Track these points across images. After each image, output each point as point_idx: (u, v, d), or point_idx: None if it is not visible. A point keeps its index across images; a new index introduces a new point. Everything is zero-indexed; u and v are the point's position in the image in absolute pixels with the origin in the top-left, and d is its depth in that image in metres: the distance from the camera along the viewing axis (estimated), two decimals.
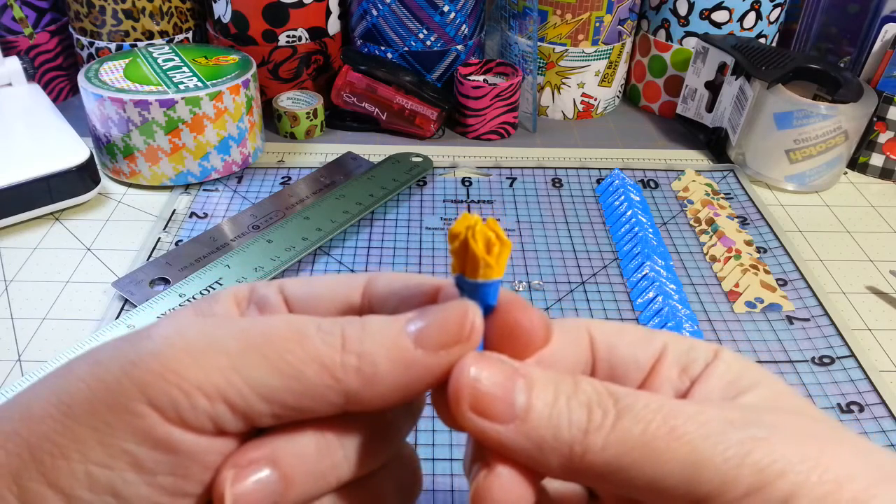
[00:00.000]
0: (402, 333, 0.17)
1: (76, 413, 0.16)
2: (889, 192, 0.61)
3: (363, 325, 0.17)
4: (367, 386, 0.17)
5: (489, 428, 0.17)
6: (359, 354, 0.17)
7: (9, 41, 0.65)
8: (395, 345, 0.17)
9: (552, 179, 0.59)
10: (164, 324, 0.17)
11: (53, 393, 0.16)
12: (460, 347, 0.18)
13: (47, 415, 0.16)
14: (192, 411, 0.16)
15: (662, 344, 0.21)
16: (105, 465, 0.16)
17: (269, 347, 0.16)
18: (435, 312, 0.18)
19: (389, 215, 0.54)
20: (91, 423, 0.16)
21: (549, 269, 0.50)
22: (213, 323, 0.17)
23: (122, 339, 0.18)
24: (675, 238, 0.53)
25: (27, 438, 0.16)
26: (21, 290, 0.47)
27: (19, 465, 0.16)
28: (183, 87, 0.54)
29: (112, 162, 0.56)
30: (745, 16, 0.65)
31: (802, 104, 0.57)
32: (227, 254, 0.47)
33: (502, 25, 0.70)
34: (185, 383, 0.16)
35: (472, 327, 0.18)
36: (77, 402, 0.16)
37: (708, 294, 0.48)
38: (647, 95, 0.73)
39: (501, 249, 0.17)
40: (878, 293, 0.49)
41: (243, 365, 0.16)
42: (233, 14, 0.63)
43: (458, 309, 0.18)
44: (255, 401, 0.16)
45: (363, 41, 0.68)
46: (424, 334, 0.17)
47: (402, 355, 0.17)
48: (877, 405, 0.40)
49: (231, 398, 0.16)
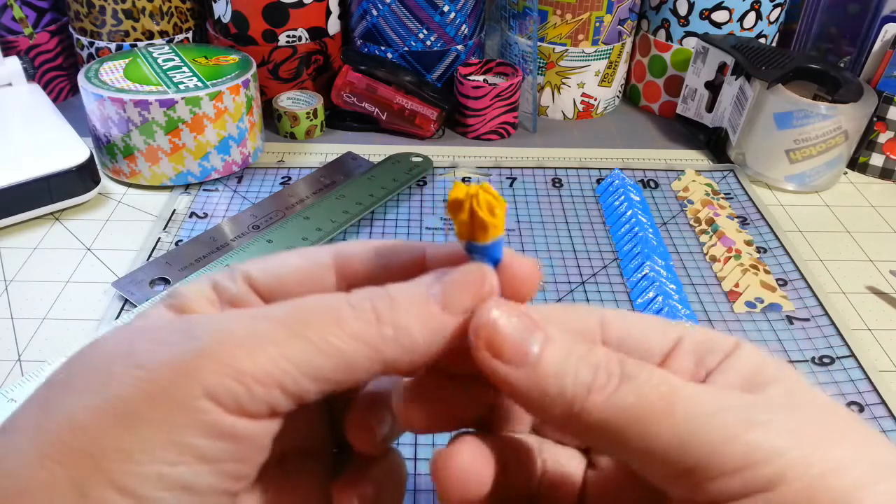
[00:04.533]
0: (428, 300, 0.19)
1: (137, 418, 0.16)
2: (889, 192, 0.61)
3: (390, 296, 0.19)
4: (405, 353, 0.18)
5: (500, 367, 0.18)
6: (394, 326, 0.18)
7: (9, 41, 0.65)
8: (426, 312, 0.18)
9: (552, 179, 0.59)
10: (205, 320, 0.18)
11: (103, 401, 0.17)
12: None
13: (102, 424, 0.16)
14: (251, 400, 0.17)
15: (679, 334, 0.21)
16: (174, 462, 0.16)
17: (312, 332, 0.17)
18: (455, 277, 0.19)
19: (389, 215, 0.54)
20: (156, 426, 0.16)
21: (549, 269, 0.49)
22: (251, 315, 0.18)
23: (155, 340, 0.18)
24: (675, 238, 0.53)
25: (83, 449, 0.16)
26: (21, 290, 0.47)
27: (81, 475, 0.16)
28: (183, 87, 0.54)
29: (112, 162, 0.56)
30: (745, 16, 0.65)
31: (802, 104, 0.57)
32: (227, 254, 0.47)
33: (502, 25, 0.70)
34: (242, 375, 0.17)
35: (490, 288, 0.19)
36: (134, 407, 0.16)
37: (708, 294, 0.48)
38: (647, 95, 0.73)
39: (501, 209, 0.19)
40: (878, 293, 0.49)
41: (291, 352, 0.17)
42: (233, 14, 0.63)
43: (477, 272, 0.19)
44: (306, 382, 0.17)
45: (363, 41, 0.68)
46: (450, 299, 0.19)
47: (432, 320, 0.18)
48: (877, 405, 0.40)
49: (285, 383, 0.17)
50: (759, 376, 0.19)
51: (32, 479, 0.16)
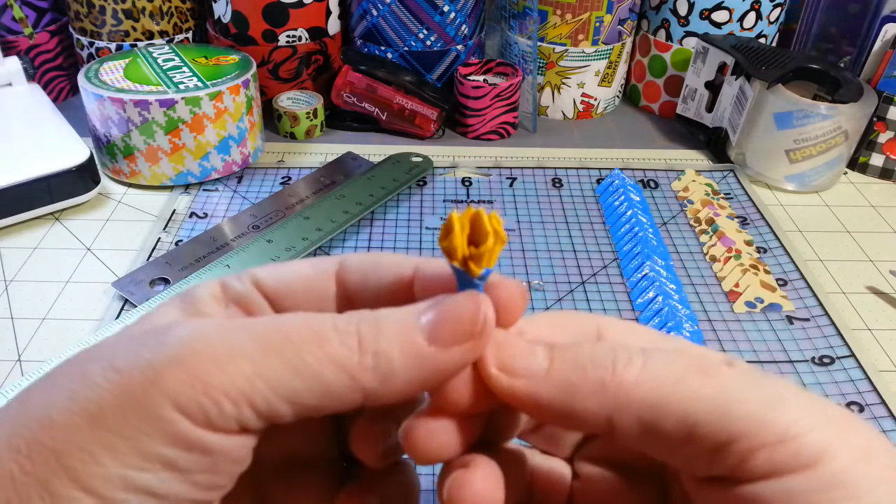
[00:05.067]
0: (415, 330, 0.18)
1: (104, 421, 0.16)
2: (889, 192, 0.61)
3: (377, 321, 0.18)
4: (383, 384, 0.17)
5: (516, 384, 0.18)
6: (374, 353, 0.17)
7: (9, 41, 0.65)
8: (410, 342, 0.17)
9: (552, 179, 0.59)
10: (182, 327, 0.18)
11: (74, 401, 0.16)
12: (473, 343, 0.18)
13: (72, 423, 0.16)
14: (219, 416, 0.16)
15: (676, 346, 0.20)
16: (140, 468, 0.16)
17: (290, 350, 0.17)
18: (447, 307, 0.18)
19: (389, 215, 0.54)
20: (122, 431, 0.16)
21: (549, 269, 0.50)
22: (231, 327, 0.18)
23: (135, 340, 0.18)
24: (675, 238, 0.53)
25: (52, 447, 0.16)
26: (21, 290, 0.47)
27: (48, 472, 0.16)
28: (183, 87, 0.54)
29: (112, 162, 0.56)
30: (745, 16, 0.65)
31: (802, 104, 0.57)
32: (227, 254, 0.47)
33: (502, 25, 0.70)
34: (212, 390, 0.16)
35: (484, 322, 0.18)
36: (103, 410, 0.16)
37: (708, 294, 0.48)
38: (647, 95, 0.73)
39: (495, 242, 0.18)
40: (878, 293, 0.49)
41: (266, 370, 0.17)
42: (233, 14, 0.63)
43: (471, 304, 0.18)
44: (278, 403, 0.17)
45: (363, 41, 0.68)
46: (437, 330, 0.18)
47: (415, 352, 0.17)
48: (877, 405, 0.40)
49: (255, 402, 0.17)
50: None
51: (1, 468, 0.16)
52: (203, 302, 0.20)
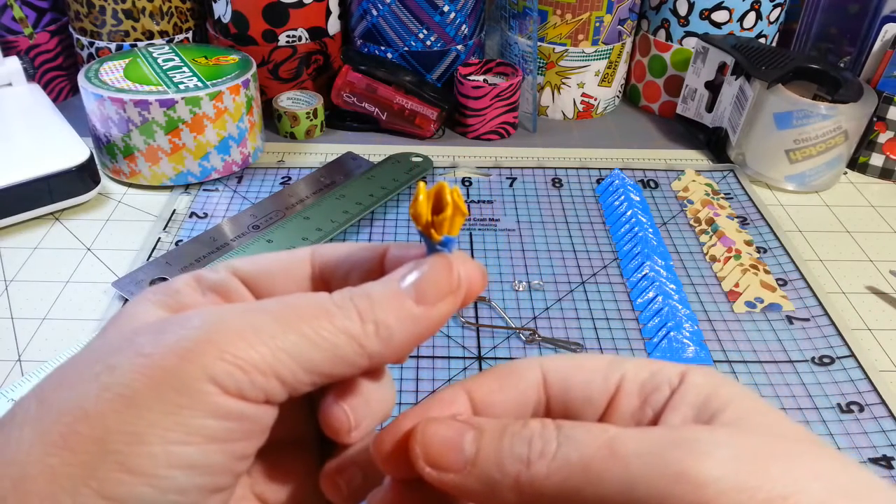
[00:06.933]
0: (403, 296, 0.20)
1: (143, 402, 0.17)
2: (889, 192, 0.61)
3: (368, 295, 0.20)
4: (386, 347, 0.19)
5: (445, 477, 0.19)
6: (374, 322, 0.19)
7: (9, 41, 0.65)
8: (401, 307, 0.20)
9: (552, 179, 0.59)
10: (201, 312, 0.19)
11: (106, 389, 0.17)
12: (454, 297, 0.20)
13: (110, 409, 0.17)
14: (251, 388, 0.18)
15: (620, 376, 0.21)
16: (184, 442, 0.17)
17: (306, 326, 0.19)
18: (425, 272, 0.20)
19: (389, 215, 0.54)
20: (163, 408, 0.17)
21: (549, 269, 0.50)
22: (247, 308, 0.19)
23: (155, 331, 0.19)
24: (675, 238, 0.53)
25: (92, 435, 0.17)
26: (21, 290, 0.47)
27: (92, 459, 0.17)
28: (183, 87, 0.54)
29: (112, 162, 0.56)
30: (745, 16, 0.65)
31: (802, 104, 0.57)
32: (227, 254, 0.47)
33: (502, 25, 0.70)
34: (244, 363, 0.18)
35: (459, 277, 0.20)
36: (139, 392, 0.17)
37: (708, 294, 0.48)
38: (647, 95, 0.73)
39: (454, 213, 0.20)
40: (878, 293, 0.49)
41: (288, 344, 0.18)
42: (233, 14, 0.63)
43: (443, 264, 0.20)
44: (301, 373, 0.19)
45: (363, 41, 0.68)
46: (422, 292, 0.20)
47: (408, 315, 0.20)
48: (877, 405, 0.40)
49: (282, 374, 0.18)
50: (712, 404, 0.19)
51: (39, 464, 0.17)
52: (182, 293, 0.21)
